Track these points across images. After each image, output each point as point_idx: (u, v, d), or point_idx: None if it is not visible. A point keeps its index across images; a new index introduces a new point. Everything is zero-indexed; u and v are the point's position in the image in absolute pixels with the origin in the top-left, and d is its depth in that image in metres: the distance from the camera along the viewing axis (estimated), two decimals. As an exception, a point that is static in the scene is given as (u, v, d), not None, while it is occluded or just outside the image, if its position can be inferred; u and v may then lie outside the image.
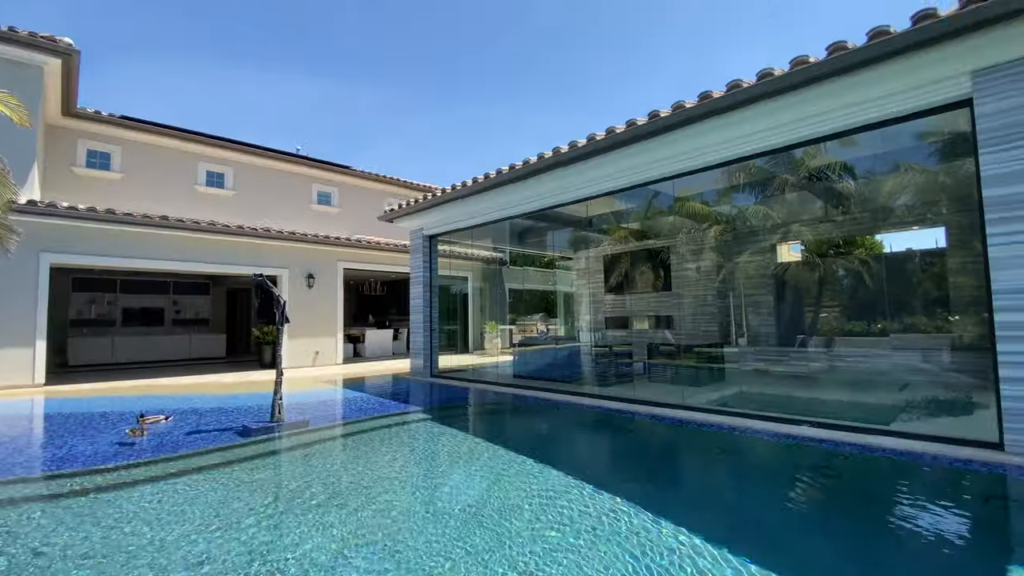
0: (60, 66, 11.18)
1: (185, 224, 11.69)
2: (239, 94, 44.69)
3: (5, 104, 6.67)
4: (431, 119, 51.81)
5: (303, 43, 38.87)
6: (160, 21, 33.45)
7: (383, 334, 17.28)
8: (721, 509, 3.82)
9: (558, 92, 53.03)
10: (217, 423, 6.69)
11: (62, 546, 3.08)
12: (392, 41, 38.36)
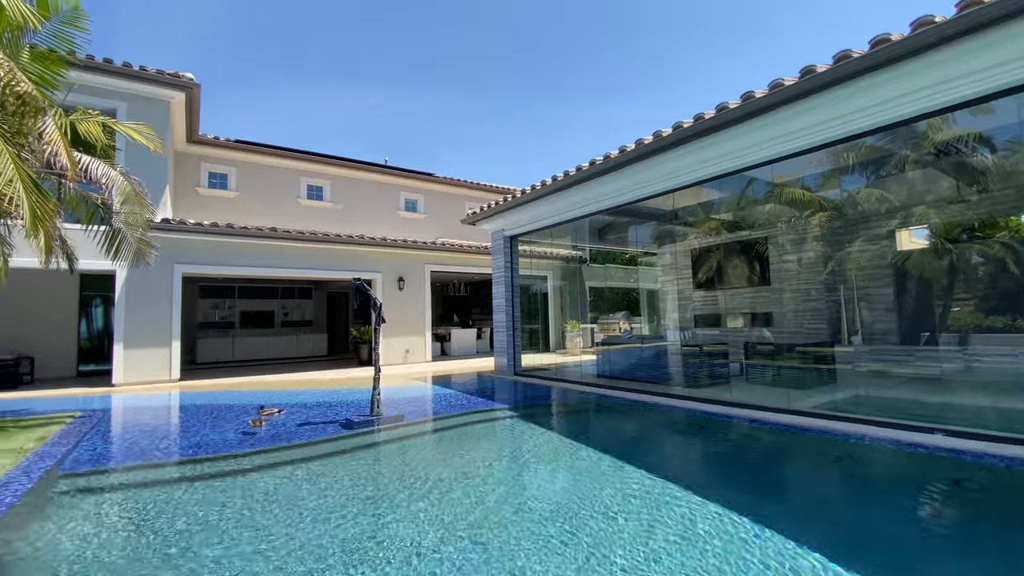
0: (184, 99, 12.75)
1: (291, 234, 12.82)
2: (331, 112, 48.37)
3: (143, 135, 7.70)
4: (497, 122, 52.60)
5: (381, 61, 41.20)
6: (256, 55, 37.07)
7: (467, 333, 17.79)
8: (838, 523, 3.44)
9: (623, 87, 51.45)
10: (323, 416, 7.23)
11: (202, 522, 3.48)
12: (455, 49, 39.48)
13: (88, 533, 3.33)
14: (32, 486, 4.20)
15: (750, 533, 3.05)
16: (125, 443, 6.14)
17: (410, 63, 42.58)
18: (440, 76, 44.72)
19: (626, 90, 52.15)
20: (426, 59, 42.15)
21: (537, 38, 38.55)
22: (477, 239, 17.57)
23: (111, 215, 7.60)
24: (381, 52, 40.23)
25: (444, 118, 50.73)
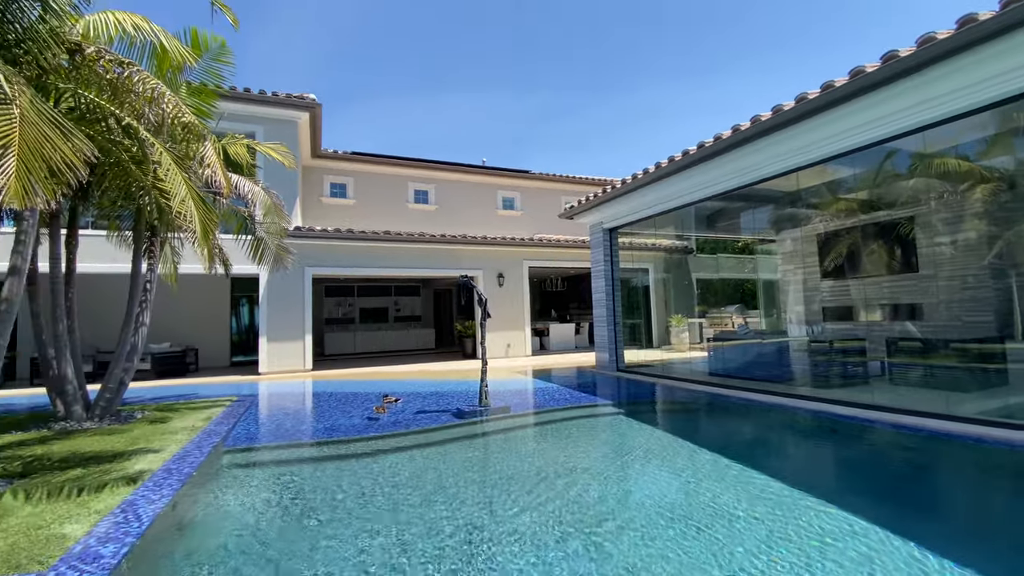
0: (308, 118, 14.18)
1: (401, 236, 13.74)
2: (434, 118, 50.93)
3: (279, 153, 8.67)
4: (588, 113, 51.45)
5: (476, 65, 42.39)
6: (366, 71, 39.94)
7: (566, 328, 17.74)
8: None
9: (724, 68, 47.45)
10: (436, 405, 7.65)
11: (337, 497, 3.84)
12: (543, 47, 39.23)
13: (246, 501, 3.85)
14: (203, 459, 4.94)
15: (898, 549, 2.66)
16: (272, 424, 7.01)
17: (502, 64, 43.40)
18: (530, 74, 45.02)
19: (719, 72, 48.31)
20: (517, 59, 42.68)
21: (612, 27, 37.19)
22: (574, 233, 17.43)
23: (255, 225, 8.70)
24: (476, 57, 41.49)
25: (537, 115, 50.96)
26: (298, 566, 2.73)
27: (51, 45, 3.72)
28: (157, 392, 9.71)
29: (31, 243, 4.33)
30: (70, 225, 7.08)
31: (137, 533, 3.07)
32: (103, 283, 12.02)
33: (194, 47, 6.19)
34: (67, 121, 3.27)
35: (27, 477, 4.26)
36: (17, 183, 2.70)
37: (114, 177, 4.97)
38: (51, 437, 5.82)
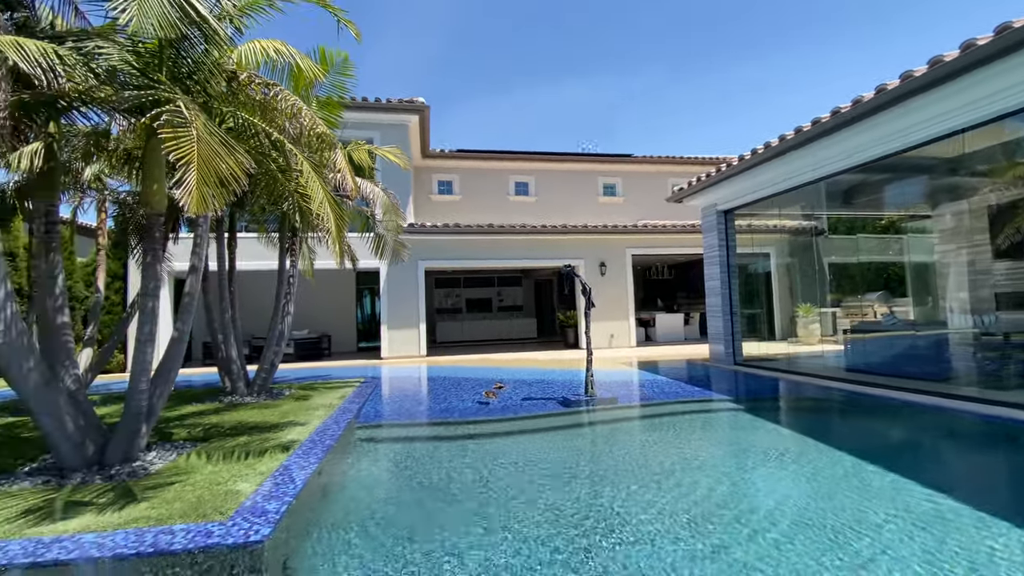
0: (418, 120, 15.02)
1: (504, 228, 14.09)
2: (533, 110, 51.25)
3: (395, 156, 9.31)
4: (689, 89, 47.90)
5: (571, 53, 41.63)
6: (467, 71, 41.17)
7: (673, 318, 16.94)
8: None
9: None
10: (542, 393, 7.77)
11: (453, 472, 4.08)
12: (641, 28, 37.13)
13: (376, 470, 4.25)
14: (340, 433, 5.52)
15: None
16: (395, 404, 7.65)
17: (596, 51, 42.19)
18: (628, 57, 43.18)
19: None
20: (612, 45, 41.19)
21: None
22: (682, 217, 16.50)
23: (375, 223, 9.48)
24: (570, 47, 40.84)
25: (637, 97, 48.88)
26: (422, 528, 2.96)
27: (215, 74, 4.38)
28: (299, 373, 11.06)
29: (205, 245, 5.15)
30: (230, 230, 8.30)
31: (293, 493, 3.54)
32: (251, 279, 13.92)
33: (322, 63, 6.86)
34: (229, 139, 3.84)
35: (207, 441, 5.11)
36: (197, 194, 3.25)
37: (265, 186, 5.77)
38: (222, 409, 6.92)
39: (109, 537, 2.93)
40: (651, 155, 19.34)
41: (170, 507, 3.34)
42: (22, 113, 4.46)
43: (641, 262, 18.46)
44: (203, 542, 2.86)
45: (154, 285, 4.34)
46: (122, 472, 4.03)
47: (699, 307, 17.66)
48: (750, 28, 39.86)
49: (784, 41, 41.72)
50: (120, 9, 3.21)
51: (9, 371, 3.83)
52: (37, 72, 3.40)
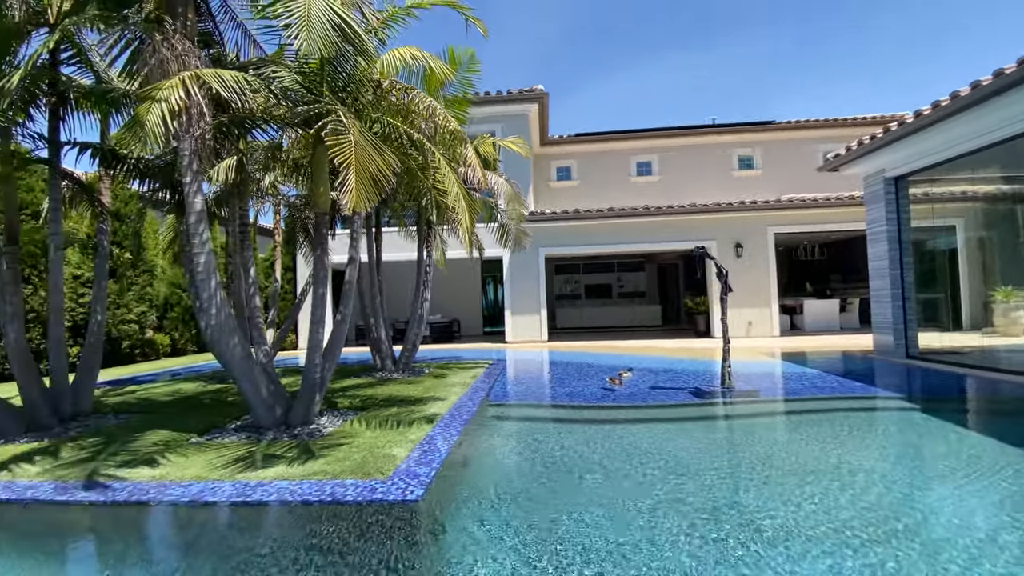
0: (537, 108, 15.14)
1: (625, 212, 13.66)
2: (648, 88, 48.67)
3: (517, 146, 9.52)
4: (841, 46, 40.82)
5: (690, 21, 38.34)
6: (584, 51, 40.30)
7: (826, 304, 14.97)
8: None
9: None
10: (671, 382, 7.46)
11: (581, 454, 4.11)
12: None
13: (508, 446, 4.46)
14: (475, 410, 5.90)
15: None
16: (523, 386, 7.94)
17: (721, 16, 38.32)
18: (758, 21, 38.49)
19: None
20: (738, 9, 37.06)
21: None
22: (836, 189, 14.45)
23: (499, 213, 9.84)
24: (691, 16, 37.68)
25: (774, 58, 43.54)
26: (549, 502, 3.05)
27: (364, 84, 4.89)
28: (434, 353, 12.00)
29: (360, 239, 5.81)
30: (376, 225, 9.24)
31: (439, 461, 3.89)
32: (390, 269, 15.30)
33: (451, 63, 7.26)
34: (378, 142, 4.28)
35: (365, 411, 5.81)
36: (356, 193, 3.70)
37: (406, 183, 6.33)
38: (375, 383, 7.81)
39: (298, 485, 3.50)
40: (797, 120, 17.17)
41: (341, 464, 3.88)
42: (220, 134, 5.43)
43: (785, 242, 16.57)
44: (369, 496, 3.28)
45: (323, 274, 5.03)
46: (303, 433, 4.78)
47: (859, 291, 15.41)
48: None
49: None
50: (293, 36, 3.73)
51: (219, 346, 4.74)
52: (232, 97, 4.11)
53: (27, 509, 3.42)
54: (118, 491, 3.51)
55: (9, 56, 5.09)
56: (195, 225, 4.43)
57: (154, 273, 12.92)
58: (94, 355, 5.90)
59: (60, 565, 2.92)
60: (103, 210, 6.31)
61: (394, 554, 2.62)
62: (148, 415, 5.97)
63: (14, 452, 4.54)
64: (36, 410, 5.25)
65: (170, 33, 4.30)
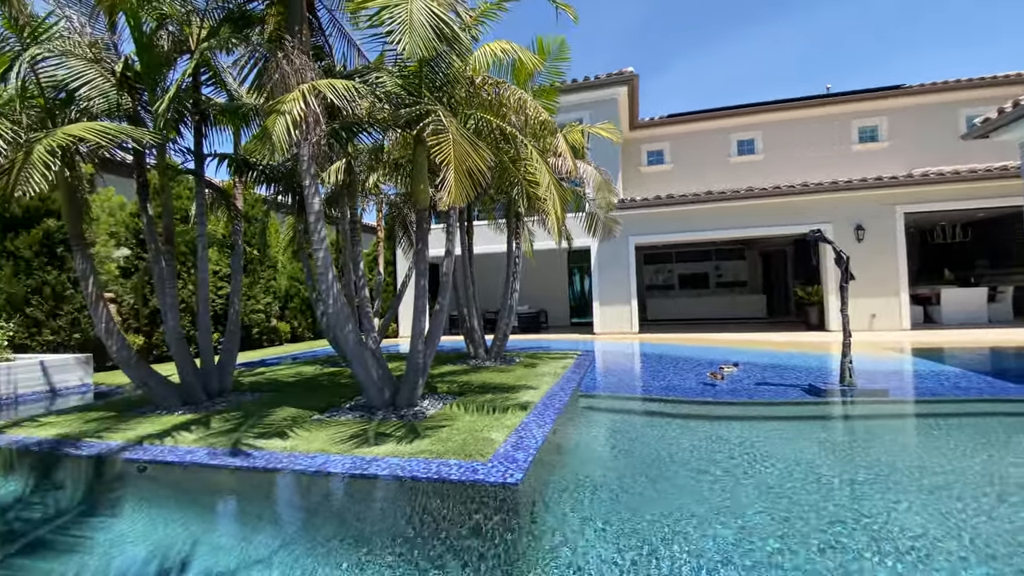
0: (626, 91, 14.63)
1: (724, 195, 12.79)
2: (745, 61, 44.88)
3: (607, 132, 9.29)
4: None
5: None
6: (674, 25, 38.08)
7: (969, 294, 12.93)
8: None
9: None
10: (779, 378, 6.92)
11: (679, 450, 3.96)
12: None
13: (601, 437, 4.42)
14: (567, 400, 5.91)
15: None
16: (614, 377, 7.83)
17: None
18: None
19: None
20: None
21: None
22: (982, 160, 12.39)
23: (588, 202, 9.70)
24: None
25: (901, 10, 37.88)
26: (646, 496, 2.97)
27: (459, 82, 5.06)
28: (522, 343, 12.19)
29: (455, 233, 6.05)
30: (468, 219, 9.54)
31: (535, 447, 3.97)
32: (478, 261, 15.74)
33: (540, 53, 7.25)
34: (474, 137, 4.42)
35: (462, 396, 6.08)
36: (455, 188, 3.86)
37: (499, 176, 6.47)
38: (469, 370, 8.12)
39: (407, 462, 3.76)
40: (933, 82, 14.91)
41: (444, 445, 4.10)
42: (331, 140, 5.91)
43: (916, 222, 14.56)
44: (471, 477, 3.44)
45: (424, 267, 5.33)
46: (408, 414, 5.12)
47: (1013, 278, 13.18)
48: None
49: None
50: (396, 41, 3.95)
51: (335, 332, 5.21)
52: (344, 104, 4.46)
53: (145, 472, 4.01)
54: (257, 459, 4.01)
55: (161, 81, 5.94)
56: (314, 223, 4.89)
57: (277, 268, 14.49)
58: (233, 340, 6.76)
59: (211, 519, 3.41)
60: (237, 213, 7.17)
61: (495, 533, 2.73)
62: (276, 393, 6.74)
63: (174, 422, 5.36)
64: (190, 387, 6.15)
65: (289, 50, 4.76)
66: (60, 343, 9.21)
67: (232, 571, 2.47)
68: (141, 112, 5.98)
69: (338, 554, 2.61)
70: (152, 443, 4.54)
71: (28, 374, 7.48)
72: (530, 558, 2.49)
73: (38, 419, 5.77)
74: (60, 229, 9.15)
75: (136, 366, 5.90)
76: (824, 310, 12.69)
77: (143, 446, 4.47)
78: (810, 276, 14.73)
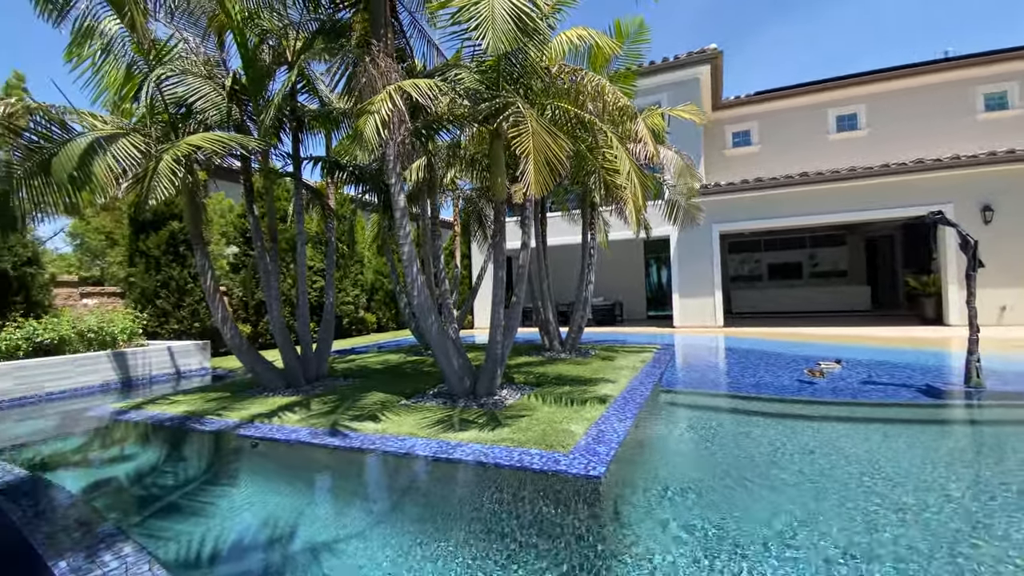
0: (709, 70, 13.80)
1: (823, 176, 11.70)
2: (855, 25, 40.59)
3: (690, 113, 8.81)
4: None
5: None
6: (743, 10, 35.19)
7: None
8: None
9: None
10: (889, 377, 6.25)
11: (773, 452, 3.70)
12: None
13: (686, 434, 4.24)
14: (647, 394, 5.75)
15: None
16: (698, 373, 7.48)
17: None
18: None
19: None
20: None
21: None
22: None
23: (667, 189, 9.31)
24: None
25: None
26: (734, 499, 2.80)
27: (536, 72, 5.05)
28: (597, 336, 12.01)
29: (531, 225, 6.07)
30: (541, 210, 9.53)
31: (617, 441, 3.90)
32: (550, 253, 15.68)
33: (617, 36, 7.03)
34: (551, 127, 4.39)
35: (539, 387, 6.11)
36: (535, 179, 3.86)
37: (575, 165, 6.39)
38: (544, 362, 8.15)
39: (490, 449, 3.85)
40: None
41: (524, 434, 4.15)
42: (413, 138, 6.14)
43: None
44: (553, 467, 3.46)
45: (502, 259, 5.40)
46: (488, 402, 5.24)
47: None
48: None
49: None
50: (480, 37, 4.01)
51: (421, 321, 5.43)
52: (427, 102, 4.61)
53: (257, 448, 4.41)
54: (353, 439, 4.30)
55: (263, 92, 6.48)
56: (400, 219, 5.12)
57: (363, 263, 15.39)
58: (328, 330, 7.28)
59: (311, 493, 3.71)
60: (330, 212, 7.69)
61: (579, 524, 2.72)
62: (366, 379, 7.18)
63: (279, 403, 5.88)
64: (292, 372, 6.72)
65: (375, 53, 4.99)
66: (183, 331, 10.44)
67: (331, 543, 2.68)
68: (247, 121, 6.58)
69: (427, 534, 2.74)
70: (262, 422, 5.02)
71: (159, 358, 8.56)
72: (612, 553, 2.46)
73: (168, 397, 6.59)
74: (182, 230, 10.33)
75: (247, 352, 6.54)
76: (942, 302, 11.27)
77: (254, 424, 4.96)
78: (923, 264, 13.14)
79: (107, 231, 15.07)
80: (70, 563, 2.33)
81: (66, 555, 2.40)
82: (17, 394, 6.73)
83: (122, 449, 4.80)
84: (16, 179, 4.97)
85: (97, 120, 5.95)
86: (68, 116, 5.52)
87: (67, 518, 2.87)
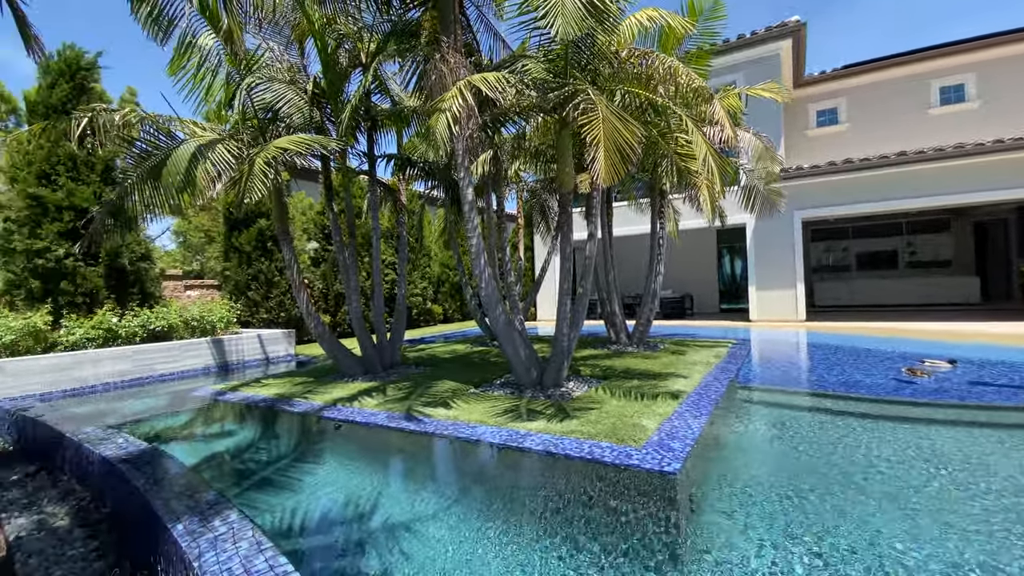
0: (790, 44, 12.80)
1: (925, 155, 10.54)
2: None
3: (770, 92, 8.23)
4: None
5: None
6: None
7: None
8: None
9: None
10: (1005, 378, 5.56)
11: (872, 459, 3.39)
12: None
13: (768, 434, 4.00)
14: (723, 391, 5.49)
15: None
16: (779, 370, 7.04)
17: None
18: None
19: None
20: None
21: None
22: None
23: (744, 174, 8.78)
24: None
25: None
26: (819, 505, 2.60)
27: (605, 57, 4.92)
28: (666, 330, 11.62)
29: (597, 215, 5.96)
30: (607, 200, 9.33)
31: (692, 438, 3.76)
32: (616, 243, 15.30)
33: (690, 14, 6.69)
34: (623, 113, 4.26)
35: (607, 380, 6.02)
36: (605, 167, 3.78)
37: (646, 151, 6.19)
38: (611, 355, 8.01)
39: (559, 440, 3.85)
40: None
41: (594, 427, 4.11)
42: (481, 131, 6.21)
43: None
44: (625, 461, 3.40)
45: (569, 250, 5.36)
46: (555, 394, 5.24)
47: None
48: None
49: None
50: (549, 25, 3.97)
51: (488, 312, 5.52)
52: (496, 96, 4.64)
53: (339, 430, 4.65)
54: (427, 424, 4.47)
55: (340, 94, 6.81)
56: (468, 212, 5.22)
57: (430, 256, 15.87)
58: (401, 320, 7.59)
59: (388, 474, 3.89)
60: (401, 207, 7.98)
61: (650, 520, 2.66)
62: (436, 368, 7.42)
63: (358, 388, 6.21)
64: (369, 359, 7.08)
65: (444, 50, 5.08)
66: (271, 320, 11.30)
67: (407, 522, 2.80)
68: (326, 123, 6.95)
69: (497, 519, 2.79)
70: (343, 405, 5.34)
71: (250, 345, 9.33)
72: (686, 552, 2.38)
73: (260, 381, 7.16)
74: (269, 227, 11.15)
75: (329, 340, 6.97)
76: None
77: (337, 407, 5.28)
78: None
79: (205, 229, 16.60)
80: (186, 526, 2.60)
81: (182, 518, 2.69)
82: (136, 375, 7.61)
83: (222, 426, 5.29)
84: (130, 184, 5.59)
85: (197, 127, 6.54)
86: (172, 125, 6.10)
87: (179, 486, 3.21)
